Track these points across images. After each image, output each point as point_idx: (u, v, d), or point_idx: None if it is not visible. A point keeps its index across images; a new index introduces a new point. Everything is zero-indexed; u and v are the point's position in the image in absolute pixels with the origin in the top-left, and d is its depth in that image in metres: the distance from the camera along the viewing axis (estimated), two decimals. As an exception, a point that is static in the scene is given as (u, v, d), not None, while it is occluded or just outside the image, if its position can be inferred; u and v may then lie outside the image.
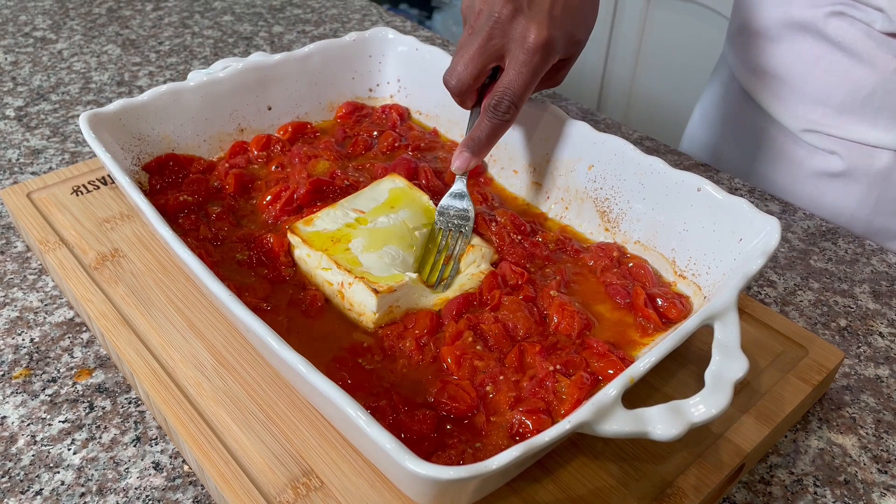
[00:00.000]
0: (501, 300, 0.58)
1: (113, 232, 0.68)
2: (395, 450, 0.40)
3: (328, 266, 0.58)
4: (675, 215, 0.61)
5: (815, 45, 0.79)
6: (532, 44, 0.56)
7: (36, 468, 0.53)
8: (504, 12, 0.56)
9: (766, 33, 0.83)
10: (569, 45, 0.59)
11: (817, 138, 0.82)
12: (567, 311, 0.57)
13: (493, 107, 0.58)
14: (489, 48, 0.58)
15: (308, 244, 0.60)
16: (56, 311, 0.65)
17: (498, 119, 0.59)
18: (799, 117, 0.83)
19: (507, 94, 0.57)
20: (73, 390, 0.58)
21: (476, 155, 0.61)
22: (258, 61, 0.74)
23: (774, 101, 0.85)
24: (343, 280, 0.57)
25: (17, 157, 0.85)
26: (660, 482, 0.50)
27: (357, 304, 0.57)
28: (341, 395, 0.42)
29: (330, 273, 0.58)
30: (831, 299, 0.70)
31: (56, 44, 1.11)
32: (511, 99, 0.57)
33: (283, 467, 0.49)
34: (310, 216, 0.62)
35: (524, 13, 0.56)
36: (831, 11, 0.76)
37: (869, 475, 0.54)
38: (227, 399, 0.54)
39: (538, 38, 0.56)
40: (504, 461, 0.39)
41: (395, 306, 0.57)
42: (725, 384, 0.45)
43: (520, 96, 0.58)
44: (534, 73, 0.57)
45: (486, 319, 0.56)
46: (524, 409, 0.49)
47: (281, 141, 0.75)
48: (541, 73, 0.58)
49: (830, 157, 0.83)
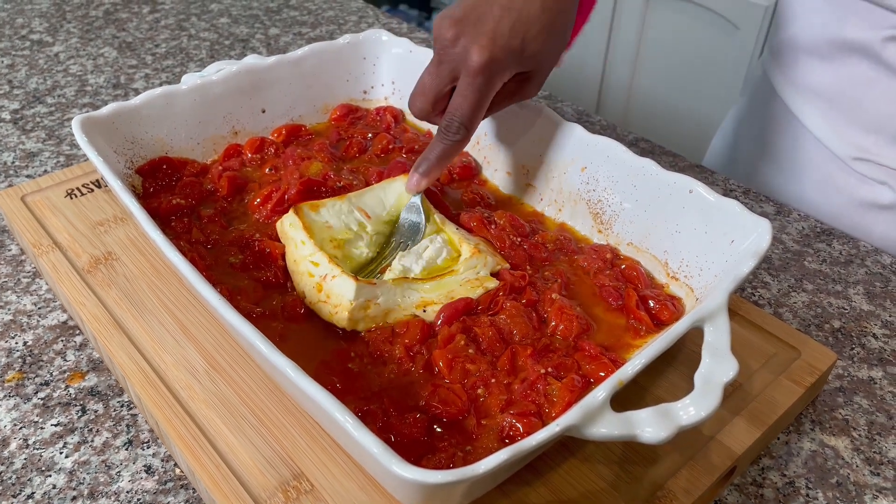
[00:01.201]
0: (503, 305, 0.57)
1: (106, 235, 0.68)
2: (382, 454, 0.40)
3: (318, 261, 0.58)
4: (668, 217, 0.61)
5: (869, 69, 0.74)
6: (473, 66, 0.56)
7: (28, 472, 0.53)
8: (448, 36, 0.57)
9: (816, 51, 0.78)
10: (522, 60, 0.58)
11: (868, 167, 0.78)
12: (566, 315, 0.57)
13: (443, 128, 0.59)
14: (440, 74, 0.59)
15: (307, 231, 0.60)
16: (49, 315, 0.65)
17: (449, 140, 0.59)
18: (849, 144, 0.79)
19: (456, 116, 0.58)
20: (66, 394, 0.58)
21: (426, 176, 0.62)
22: (252, 64, 0.74)
23: (822, 125, 0.80)
24: (327, 273, 0.57)
25: (12, 160, 0.85)
26: (651, 485, 0.50)
27: (334, 296, 0.56)
28: (329, 398, 0.42)
29: (316, 266, 0.58)
30: (825, 301, 0.70)
31: (52, 47, 1.11)
32: (460, 120, 0.58)
33: (273, 470, 0.49)
34: (317, 202, 0.63)
35: (467, 35, 0.56)
36: (891, 36, 0.71)
37: (861, 477, 0.54)
38: (219, 402, 0.54)
39: (478, 59, 0.56)
40: (492, 465, 0.39)
41: (374, 303, 0.56)
42: (715, 386, 0.45)
43: (469, 117, 0.58)
44: (479, 93, 0.57)
45: (480, 323, 0.56)
46: (514, 412, 0.49)
47: (275, 143, 0.75)
48: (489, 91, 0.58)
49: (880, 187, 0.78)
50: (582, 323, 0.57)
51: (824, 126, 0.81)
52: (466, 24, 0.56)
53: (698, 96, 1.91)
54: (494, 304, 0.58)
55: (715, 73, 1.85)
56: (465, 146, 0.61)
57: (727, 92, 1.85)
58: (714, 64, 1.84)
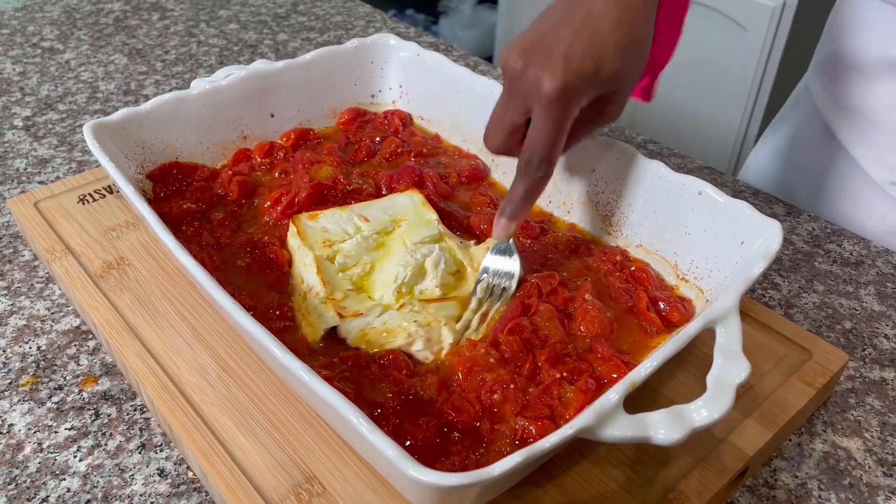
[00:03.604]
0: (538, 308, 0.57)
1: (118, 240, 0.69)
2: (397, 457, 0.40)
3: (310, 266, 0.59)
4: (677, 219, 0.61)
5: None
6: (546, 95, 0.52)
7: (42, 475, 0.53)
8: (517, 67, 0.53)
9: (860, 68, 0.75)
10: (598, 83, 0.53)
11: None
12: (589, 316, 0.56)
13: (523, 166, 0.55)
14: (510, 107, 0.55)
15: (301, 236, 0.61)
16: (63, 320, 0.66)
17: (531, 178, 0.55)
18: (887, 168, 0.76)
19: (536, 153, 0.54)
20: (80, 398, 0.59)
21: (513, 219, 0.58)
22: (260, 69, 0.75)
23: (861, 146, 0.78)
24: (314, 287, 0.57)
25: (24, 167, 0.86)
26: (662, 487, 0.50)
27: (312, 314, 0.57)
28: (344, 402, 0.42)
29: (308, 272, 0.59)
30: (836, 301, 0.70)
31: (63, 54, 1.12)
32: (540, 156, 0.54)
33: (285, 473, 0.50)
34: (316, 212, 0.63)
35: (537, 63, 0.52)
36: None
37: (874, 478, 0.54)
38: (231, 406, 0.54)
39: (551, 87, 0.52)
40: (506, 467, 0.40)
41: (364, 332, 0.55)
42: (728, 388, 0.45)
43: (548, 151, 0.54)
44: (557, 123, 0.53)
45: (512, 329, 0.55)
46: (528, 415, 0.49)
47: (284, 148, 0.76)
48: (566, 121, 0.53)
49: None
50: (606, 326, 0.56)
51: (861, 147, 0.78)
52: (535, 53, 0.53)
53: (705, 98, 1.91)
54: (531, 305, 0.58)
55: (722, 75, 1.85)
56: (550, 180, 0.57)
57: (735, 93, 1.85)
58: (721, 65, 1.84)
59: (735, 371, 0.46)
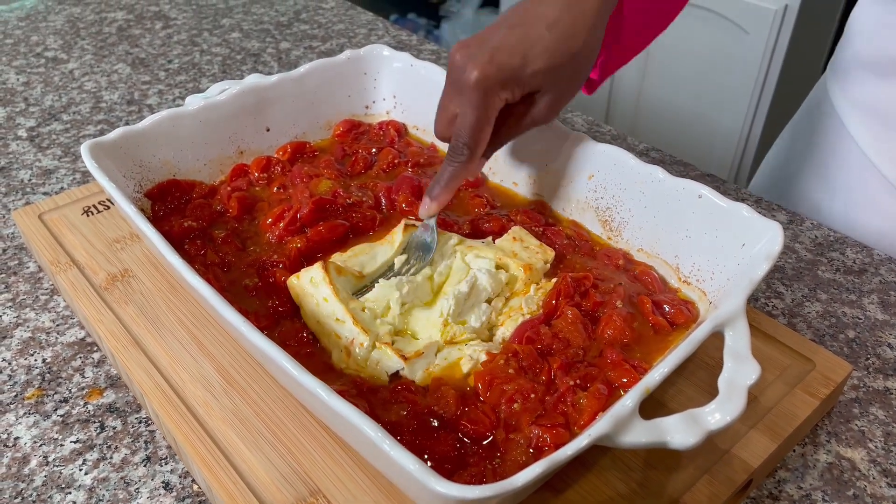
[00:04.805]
0: (564, 312, 0.57)
1: (123, 252, 0.69)
2: (419, 471, 0.40)
3: (343, 319, 0.56)
4: (677, 223, 0.61)
5: None
6: (466, 83, 0.55)
7: (48, 489, 0.53)
8: (456, 59, 0.57)
9: (878, 68, 0.76)
10: (523, 78, 0.56)
11: None
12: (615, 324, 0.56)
13: (450, 151, 0.59)
14: (449, 96, 0.59)
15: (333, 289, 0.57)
16: (68, 332, 0.66)
17: (454, 162, 0.59)
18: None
19: (460, 137, 0.58)
20: (85, 410, 0.59)
21: (436, 199, 0.61)
22: (255, 83, 0.75)
23: (874, 144, 0.78)
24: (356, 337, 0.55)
25: (28, 178, 0.87)
26: (667, 499, 0.50)
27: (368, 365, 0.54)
28: (363, 418, 0.42)
29: (342, 327, 0.56)
30: (839, 310, 0.70)
31: (67, 64, 1.13)
32: (463, 140, 0.57)
33: (290, 487, 0.50)
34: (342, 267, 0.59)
35: (469, 55, 0.56)
36: None
37: (878, 489, 0.54)
38: (236, 418, 0.54)
39: (471, 77, 0.55)
40: (529, 477, 0.40)
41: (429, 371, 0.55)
42: (739, 390, 0.45)
43: (470, 136, 0.57)
44: (476, 110, 0.56)
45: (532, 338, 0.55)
46: (543, 423, 0.49)
47: (281, 162, 0.76)
48: (486, 109, 0.56)
49: None
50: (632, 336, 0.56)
51: (875, 145, 0.79)
52: (472, 47, 0.57)
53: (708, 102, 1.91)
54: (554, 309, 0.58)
55: (725, 79, 1.85)
56: (478, 168, 0.59)
57: (737, 97, 1.85)
58: (724, 69, 1.84)
59: (745, 373, 0.46)
